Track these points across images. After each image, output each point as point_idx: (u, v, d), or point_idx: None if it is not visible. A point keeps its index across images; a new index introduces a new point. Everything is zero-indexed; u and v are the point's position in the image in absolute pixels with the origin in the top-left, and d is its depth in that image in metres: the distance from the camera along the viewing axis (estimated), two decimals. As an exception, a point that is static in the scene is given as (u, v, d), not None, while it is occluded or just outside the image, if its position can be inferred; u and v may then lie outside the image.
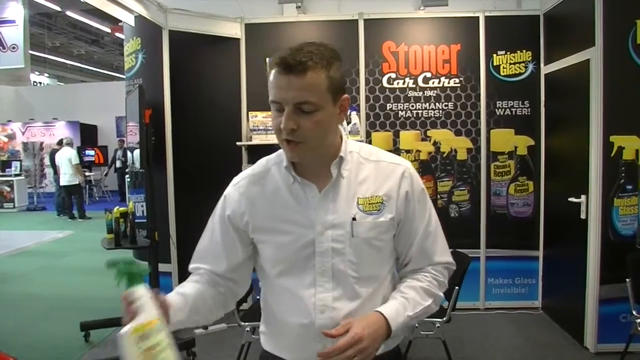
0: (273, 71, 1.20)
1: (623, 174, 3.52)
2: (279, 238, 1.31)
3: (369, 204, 1.29)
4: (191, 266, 1.43)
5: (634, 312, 3.04)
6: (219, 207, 1.41)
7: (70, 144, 10.60)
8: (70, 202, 10.79)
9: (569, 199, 3.81)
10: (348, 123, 4.41)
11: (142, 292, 1.12)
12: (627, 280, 3.02)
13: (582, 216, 3.69)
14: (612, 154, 3.51)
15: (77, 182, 10.39)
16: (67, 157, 10.33)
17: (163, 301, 1.19)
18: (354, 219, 1.27)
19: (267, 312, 1.42)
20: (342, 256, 1.27)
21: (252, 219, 1.34)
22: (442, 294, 1.37)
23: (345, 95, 1.27)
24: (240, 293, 1.46)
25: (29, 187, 13.39)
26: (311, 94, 1.18)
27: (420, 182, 1.37)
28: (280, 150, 1.32)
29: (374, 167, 1.33)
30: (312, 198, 1.29)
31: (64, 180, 10.47)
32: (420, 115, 4.56)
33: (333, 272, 1.28)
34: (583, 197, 3.68)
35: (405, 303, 1.29)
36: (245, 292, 1.50)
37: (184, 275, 5.16)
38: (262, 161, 1.41)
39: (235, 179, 1.42)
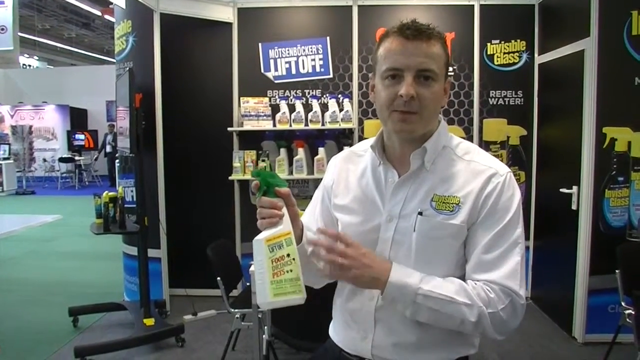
0: (392, 39, 1.18)
1: (615, 166, 3.52)
2: (350, 217, 1.31)
3: (443, 202, 1.19)
4: None
5: (622, 303, 3.04)
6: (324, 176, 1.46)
7: None
8: None
9: (561, 190, 3.82)
10: (340, 110, 4.38)
11: (281, 203, 1.16)
12: (617, 271, 3.03)
13: (573, 207, 3.70)
14: (604, 146, 3.51)
15: None
16: None
17: (295, 217, 1.19)
18: (420, 213, 1.20)
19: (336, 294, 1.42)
20: (401, 249, 1.22)
21: (335, 194, 1.37)
22: (484, 310, 1.11)
23: (449, 79, 1.25)
24: None
25: (17, 171, 13.28)
26: (434, 62, 1.16)
27: (511, 193, 1.18)
28: (380, 132, 1.31)
29: (465, 167, 1.22)
30: (391, 184, 1.26)
31: None
32: (413, 103, 4.52)
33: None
34: (574, 188, 3.69)
35: (428, 278, 1.14)
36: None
37: (173, 260, 5.11)
38: (365, 141, 1.39)
39: (340, 153, 1.45)
